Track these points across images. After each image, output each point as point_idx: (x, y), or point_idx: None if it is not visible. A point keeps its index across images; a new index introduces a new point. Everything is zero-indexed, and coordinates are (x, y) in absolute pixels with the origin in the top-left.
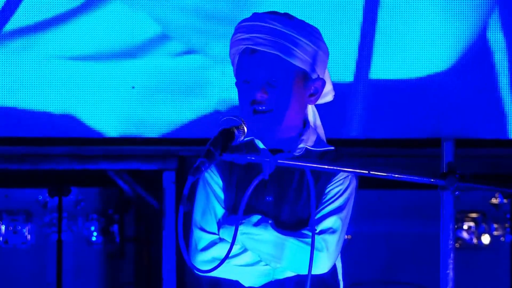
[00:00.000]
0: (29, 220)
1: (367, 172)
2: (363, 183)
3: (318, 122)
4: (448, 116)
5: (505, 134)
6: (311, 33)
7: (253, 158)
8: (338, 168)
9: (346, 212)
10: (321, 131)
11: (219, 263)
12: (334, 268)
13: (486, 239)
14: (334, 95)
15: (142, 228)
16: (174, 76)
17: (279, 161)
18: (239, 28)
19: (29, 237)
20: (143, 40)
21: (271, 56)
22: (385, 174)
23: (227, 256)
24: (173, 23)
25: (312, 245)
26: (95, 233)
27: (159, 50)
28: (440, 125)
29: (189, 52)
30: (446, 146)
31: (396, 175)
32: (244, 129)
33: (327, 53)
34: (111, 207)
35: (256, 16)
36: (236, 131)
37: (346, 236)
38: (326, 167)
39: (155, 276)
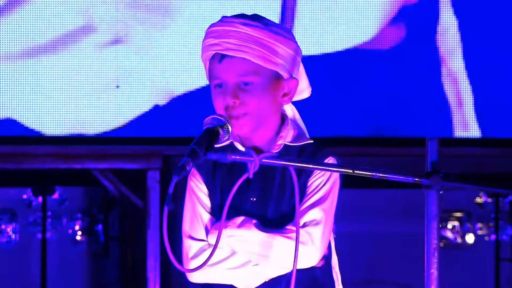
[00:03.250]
0: (14, 220)
1: (351, 171)
2: (347, 182)
3: (297, 116)
4: (433, 115)
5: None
6: (282, 35)
7: (237, 157)
8: (323, 167)
9: (329, 203)
10: (301, 124)
11: (202, 264)
12: (327, 262)
13: (470, 238)
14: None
15: (126, 227)
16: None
17: (263, 160)
18: (208, 33)
19: (13, 236)
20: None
21: (242, 61)
22: (369, 173)
23: (209, 258)
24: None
25: (297, 240)
26: (79, 233)
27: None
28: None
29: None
30: (430, 145)
31: (381, 174)
32: (228, 128)
33: (299, 52)
34: (95, 206)
35: (225, 21)
36: (220, 130)
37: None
38: (312, 166)
39: (139, 275)
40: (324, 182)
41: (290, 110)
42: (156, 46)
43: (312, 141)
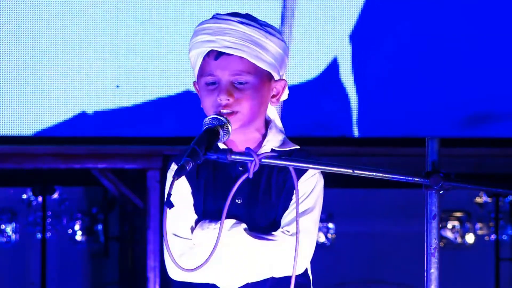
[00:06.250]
0: (13, 219)
1: (351, 171)
2: (347, 182)
3: (278, 119)
4: (433, 115)
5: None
6: (275, 35)
7: (237, 157)
8: (323, 167)
9: (317, 212)
10: (282, 128)
11: (198, 266)
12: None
13: (470, 238)
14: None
15: (126, 227)
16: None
17: (263, 160)
18: (201, 30)
19: (13, 236)
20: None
21: (239, 60)
22: (369, 173)
23: (207, 260)
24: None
25: (296, 247)
26: (79, 232)
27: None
28: (424, 123)
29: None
30: (430, 145)
31: (381, 174)
32: (228, 128)
33: (287, 52)
34: (95, 206)
35: (220, 18)
36: (220, 130)
37: (330, 236)
38: (312, 166)
39: (139, 275)
40: (311, 190)
41: (273, 114)
42: (156, 46)
43: (298, 147)
